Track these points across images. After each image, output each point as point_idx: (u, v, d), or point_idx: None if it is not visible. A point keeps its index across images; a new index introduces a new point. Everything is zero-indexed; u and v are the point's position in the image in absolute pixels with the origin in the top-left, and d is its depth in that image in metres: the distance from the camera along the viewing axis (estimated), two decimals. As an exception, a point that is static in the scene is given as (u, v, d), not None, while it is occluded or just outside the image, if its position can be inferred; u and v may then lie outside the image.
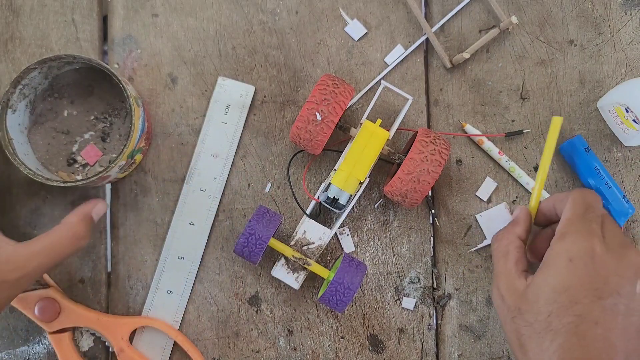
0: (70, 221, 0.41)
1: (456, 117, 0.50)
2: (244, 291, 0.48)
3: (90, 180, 0.42)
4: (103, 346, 0.48)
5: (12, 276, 0.35)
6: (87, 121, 0.47)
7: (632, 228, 0.49)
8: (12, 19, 0.49)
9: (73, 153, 0.47)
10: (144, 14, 0.50)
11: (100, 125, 0.47)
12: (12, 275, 0.35)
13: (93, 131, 0.47)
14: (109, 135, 0.47)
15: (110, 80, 0.47)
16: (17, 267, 0.36)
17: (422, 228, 0.49)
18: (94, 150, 0.47)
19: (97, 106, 0.47)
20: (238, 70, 0.50)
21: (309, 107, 0.43)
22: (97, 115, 0.47)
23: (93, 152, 0.47)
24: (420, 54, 0.51)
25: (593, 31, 0.50)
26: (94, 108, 0.47)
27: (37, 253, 0.38)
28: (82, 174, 0.47)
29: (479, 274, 0.49)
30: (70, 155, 0.47)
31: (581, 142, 0.48)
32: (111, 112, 0.47)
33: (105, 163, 0.47)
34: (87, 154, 0.47)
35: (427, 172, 0.42)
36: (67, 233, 0.40)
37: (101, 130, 0.47)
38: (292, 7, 0.50)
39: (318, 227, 0.46)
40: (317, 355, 0.48)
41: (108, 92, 0.47)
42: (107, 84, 0.47)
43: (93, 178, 0.42)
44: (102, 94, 0.47)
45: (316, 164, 0.50)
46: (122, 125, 0.47)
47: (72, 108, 0.47)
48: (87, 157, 0.47)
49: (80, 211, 0.43)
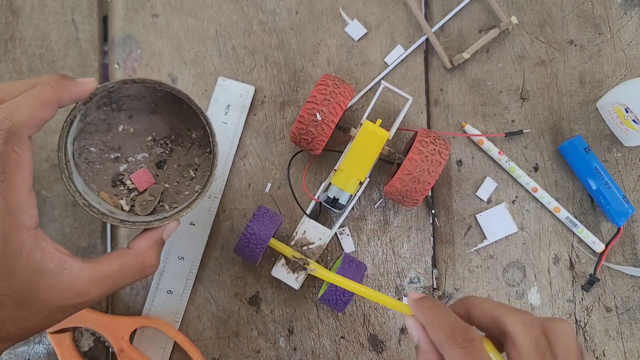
0: (141, 248, 0.36)
1: (456, 117, 0.50)
2: (244, 291, 0.48)
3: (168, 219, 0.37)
4: (103, 346, 0.48)
5: (72, 302, 0.32)
6: (144, 142, 0.41)
7: (632, 228, 0.49)
8: (12, 19, 0.49)
9: (121, 174, 0.41)
10: (144, 14, 0.50)
11: (158, 149, 0.41)
12: (73, 301, 0.32)
13: (148, 154, 0.41)
14: (165, 162, 0.41)
15: (180, 103, 0.40)
16: (79, 293, 0.32)
17: (422, 228, 0.49)
18: (147, 176, 0.41)
19: (159, 128, 0.41)
20: (238, 70, 0.50)
21: (309, 107, 0.43)
22: (157, 138, 0.41)
23: (145, 178, 0.40)
24: (420, 54, 0.51)
25: (593, 31, 0.50)
26: (155, 129, 0.41)
27: (101, 281, 0.33)
28: (127, 198, 0.40)
29: (479, 274, 0.49)
30: (116, 175, 0.41)
31: (581, 142, 0.48)
32: (174, 139, 0.41)
33: (155, 193, 0.41)
34: (137, 178, 0.40)
35: (427, 172, 0.42)
36: (136, 261, 0.36)
37: (158, 156, 0.41)
38: (292, 7, 0.50)
39: (318, 227, 0.46)
40: (317, 355, 0.48)
41: (174, 115, 0.42)
42: (175, 106, 0.41)
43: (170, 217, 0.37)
44: (167, 116, 0.42)
45: (316, 164, 0.50)
46: (184, 156, 0.41)
47: (130, 124, 0.40)
48: (136, 182, 0.40)
49: (152, 235, 0.37)
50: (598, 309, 0.49)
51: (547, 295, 0.49)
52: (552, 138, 0.50)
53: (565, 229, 0.50)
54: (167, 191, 0.41)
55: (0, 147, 0.29)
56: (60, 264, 0.31)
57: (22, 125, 0.30)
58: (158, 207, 0.41)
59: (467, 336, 0.30)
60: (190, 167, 0.42)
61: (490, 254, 0.49)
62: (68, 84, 0.34)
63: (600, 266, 0.49)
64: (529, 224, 0.50)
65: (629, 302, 0.49)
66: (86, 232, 0.48)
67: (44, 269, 0.30)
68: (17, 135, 0.29)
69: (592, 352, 0.49)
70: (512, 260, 0.49)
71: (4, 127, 0.29)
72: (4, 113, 0.29)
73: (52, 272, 0.31)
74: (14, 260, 0.29)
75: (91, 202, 0.37)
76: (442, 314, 0.32)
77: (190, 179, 0.42)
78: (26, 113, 0.30)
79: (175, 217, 0.37)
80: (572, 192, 0.50)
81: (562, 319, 0.32)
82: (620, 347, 0.49)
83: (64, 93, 0.33)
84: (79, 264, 0.32)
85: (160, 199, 0.41)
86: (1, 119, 0.29)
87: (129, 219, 0.37)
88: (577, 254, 0.50)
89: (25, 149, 0.30)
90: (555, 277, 0.49)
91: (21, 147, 0.30)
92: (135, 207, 0.41)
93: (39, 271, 0.30)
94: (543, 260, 0.49)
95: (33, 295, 0.30)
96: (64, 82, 0.33)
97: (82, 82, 0.35)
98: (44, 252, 0.31)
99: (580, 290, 0.49)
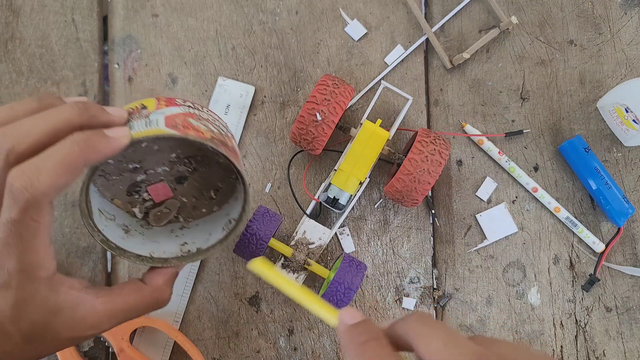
0: (156, 284, 0.35)
1: (456, 117, 0.50)
2: (244, 291, 0.48)
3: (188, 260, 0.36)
4: (103, 346, 0.48)
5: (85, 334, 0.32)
6: (167, 158, 0.38)
7: (632, 228, 0.49)
8: (12, 19, 0.49)
9: (137, 184, 0.38)
10: (144, 14, 0.50)
11: (180, 167, 0.38)
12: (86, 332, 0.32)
13: (169, 168, 0.38)
14: (186, 179, 0.39)
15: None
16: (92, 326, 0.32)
17: (422, 228, 0.49)
18: (165, 189, 0.38)
19: (185, 147, 0.38)
20: (238, 70, 0.50)
21: (309, 107, 0.43)
22: (181, 156, 0.38)
23: (163, 191, 0.38)
24: (420, 54, 0.51)
25: (593, 31, 0.50)
26: (181, 147, 0.38)
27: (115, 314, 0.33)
28: (140, 207, 0.39)
29: (479, 274, 0.49)
30: (133, 185, 0.38)
31: (581, 142, 0.48)
32: (199, 159, 0.39)
33: (171, 206, 0.39)
34: (155, 190, 0.38)
35: (427, 172, 0.42)
36: (150, 296, 0.35)
37: (179, 172, 0.39)
38: (292, 7, 0.50)
39: (318, 227, 0.46)
40: (317, 355, 0.48)
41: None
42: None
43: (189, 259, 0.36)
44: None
45: (316, 164, 0.50)
46: (207, 177, 0.39)
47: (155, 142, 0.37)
48: (153, 194, 0.38)
49: (167, 272, 0.36)
50: (598, 309, 0.49)
51: (547, 295, 0.49)
52: (552, 138, 0.50)
53: (565, 229, 0.50)
54: (184, 206, 0.40)
55: (17, 215, 0.27)
56: (75, 301, 0.31)
57: (42, 195, 0.27)
58: (173, 219, 0.40)
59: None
60: (211, 188, 0.40)
61: (490, 254, 0.49)
62: (97, 143, 0.29)
63: (601, 266, 0.49)
64: (529, 224, 0.50)
65: (629, 302, 0.49)
66: (86, 232, 0.48)
67: (57, 309, 0.30)
68: (36, 205, 0.27)
69: (592, 352, 0.49)
70: (512, 260, 0.49)
71: (22, 197, 0.26)
72: (22, 181, 0.26)
73: (66, 310, 0.31)
74: (26, 306, 0.29)
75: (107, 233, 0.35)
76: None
77: (209, 198, 0.40)
78: (47, 182, 0.27)
79: (194, 258, 0.36)
80: (572, 192, 0.50)
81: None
82: (620, 347, 0.49)
83: (92, 154, 0.28)
84: (93, 299, 0.32)
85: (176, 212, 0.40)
86: (19, 188, 0.26)
87: (144, 254, 0.36)
88: (577, 254, 0.50)
89: (44, 215, 0.28)
90: (555, 277, 0.49)
91: (40, 215, 0.27)
92: (149, 217, 0.39)
93: (53, 311, 0.30)
94: (543, 260, 0.49)
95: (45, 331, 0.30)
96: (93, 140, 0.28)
97: (113, 139, 0.29)
98: (59, 293, 0.30)
99: (580, 290, 0.49)
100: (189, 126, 0.32)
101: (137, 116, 0.32)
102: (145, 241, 0.37)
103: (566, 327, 0.49)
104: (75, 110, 0.29)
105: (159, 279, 0.36)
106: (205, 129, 0.33)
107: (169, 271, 0.36)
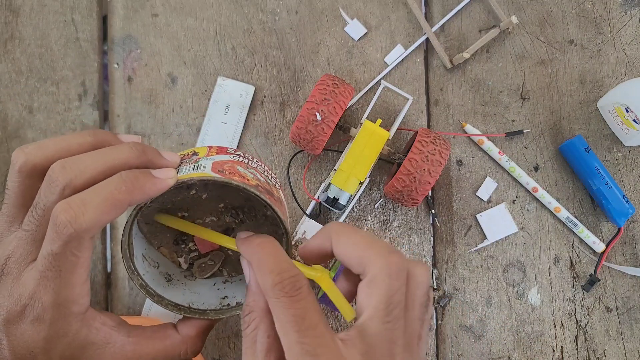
0: (189, 335, 0.34)
1: (456, 117, 0.50)
2: (244, 291, 0.48)
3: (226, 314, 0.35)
4: (103, 346, 0.48)
5: None
6: (214, 208, 0.38)
7: (632, 228, 0.49)
8: (11, 18, 0.49)
9: (185, 234, 0.38)
10: (144, 14, 0.50)
11: (228, 218, 0.38)
12: None
13: (216, 219, 0.38)
14: (233, 230, 0.38)
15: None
16: None
17: (422, 228, 0.49)
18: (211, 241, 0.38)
19: (233, 198, 0.37)
20: (238, 70, 0.50)
21: (309, 107, 0.43)
22: (229, 207, 0.38)
23: (209, 242, 0.38)
24: (420, 54, 0.51)
25: (593, 31, 0.50)
26: (229, 198, 0.37)
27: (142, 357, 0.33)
28: (186, 257, 0.39)
29: (479, 274, 0.49)
30: (180, 235, 0.38)
31: (581, 142, 0.48)
32: (246, 211, 0.38)
33: (216, 258, 0.39)
34: (201, 241, 0.38)
35: (427, 172, 0.42)
36: (180, 347, 0.34)
37: (226, 224, 0.38)
38: (292, 7, 0.50)
39: (318, 227, 0.46)
40: (317, 355, 0.48)
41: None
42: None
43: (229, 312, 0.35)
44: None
45: (316, 164, 0.49)
46: (253, 229, 0.38)
47: (203, 190, 0.37)
48: (199, 244, 0.38)
49: (203, 324, 0.35)
50: (598, 309, 0.49)
51: (547, 296, 0.49)
52: (553, 138, 0.50)
53: (565, 229, 0.50)
54: (230, 259, 0.39)
55: (59, 249, 0.27)
56: (106, 338, 0.31)
57: (85, 231, 0.27)
58: (217, 272, 0.40)
59: (295, 283, 0.27)
60: None
61: (490, 254, 0.49)
62: (144, 183, 0.29)
63: (601, 266, 0.49)
64: (529, 224, 0.49)
65: (630, 302, 0.49)
66: (86, 232, 0.48)
67: (88, 344, 0.31)
68: (78, 239, 0.27)
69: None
70: (512, 260, 0.49)
71: (65, 232, 0.26)
72: (68, 216, 0.26)
73: (97, 345, 0.31)
74: (58, 342, 0.29)
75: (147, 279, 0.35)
76: (272, 254, 0.29)
77: None
78: (92, 218, 0.27)
79: (233, 312, 0.35)
80: (572, 192, 0.50)
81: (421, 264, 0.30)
82: (620, 347, 0.49)
83: (138, 194, 0.29)
84: (124, 338, 0.32)
85: (220, 265, 0.39)
86: (64, 222, 0.26)
87: (183, 302, 0.35)
88: (578, 254, 0.49)
89: (85, 250, 0.28)
90: (555, 277, 0.49)
91: (81, 249, 0.28)
92: (193, 268, 0.39)
93: (83, 346, 0.30)
94: (543, 260, 0.49)
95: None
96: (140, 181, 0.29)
97: (159, 180, 0.30)
98: (90, 329, 0.31)
99: (580, 291, 0.49)
100: (235, 172, 0.32)
101: (187, 161, 0.33)
102: (186, 292, 0.37)
103: (566, 327, 0.49)
104: (134, 152, 0.30)
105: (192, 331, 0.35)
106: (252, 177, 0.33)
107: (204, 323, 0.35)
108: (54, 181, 0.28)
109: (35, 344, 0.29)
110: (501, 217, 0.49)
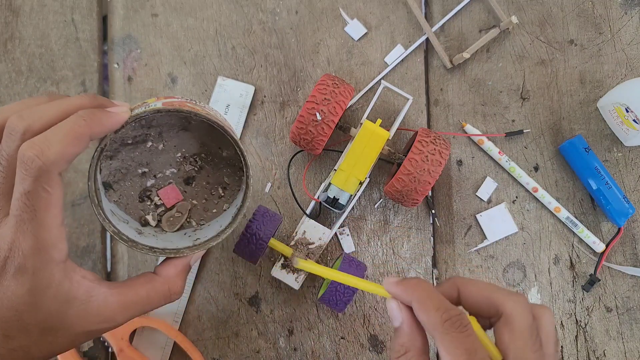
0: (168, 275, 0.36)
1: (456, 117, 0.50)
2: (244, 291, 0.48)
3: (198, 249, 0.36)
4: (103, 346, 0.48)
5: (98, 327, 0.32)
6: (173, 158, 0.40)
7: (632, 228, 0.49)
8: (11, 18, 0.49)
9: (148, 189, 0.40)
10: (144, 13, 0.50)
11: (187, 167, 0.40)
12: (99, 326, 0.32)
13: (176, 170, 0.40)
14: (194, 179, 0.40)
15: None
16: (106, 319, 0.32)
17: (422, 228, 0.49)
18: (175, 192, 0.40)
19: (189, 145, 0.40)
20: (238, 70, 0.50)
21: (309, 107, 0.43)
22: (186, 155, 0.40)
23: (173, 194, 0.40)
24: (420, 54, 0.51)
25: (593, 31, 0.50)
26: (185, 146, 0.40)
27: (128, 307, 0.34)
28: (153, 214, 0.40)
29: (479, 274, 0.49)
30: (144, 191, 0.40)
31: (581, 142, 0.48)
32: (204, 157, 0.40)
33: (183, 209, 0.40)
34: (165, 194, 0.40)
35: (427, 172, 0.42)
36: (162, 288, 0.35)
37: (186, 172, 0.40)
38: (292, 7, 0.50)
39: (318, 227, 0.46)
40: (317, 355, 0.48)
41: (206, 132, 0.41)
42: (206, 124, 0.40)
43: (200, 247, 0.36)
44: (198, 133, 0.40)
45: (316, 164, 0.49)
46: (213, 174, 0.41)
47: (159, 140, 0.39)
48: (164, 198, 0.40)
49: (179, 262, 0.37)
50: (598, 309, 0.49)
51: (547, 296, 0.49)
52: (553, 138, 0.50)
53: (565, 229, 0.50)
54: (195, 208, 0.41)
55: (30, 186, 0.28)
56: (88, 292, 0.32)
57: (53, 163, 0.28)
58: (185, 223, 0.40)
59: (462, 320, 0.29)
60: (219, 186, 0.41)
61: (490, 254, 0.49)
62: (101, 117, 0.31)
63: (601, 266, 0.49)
64: (529, 224, 0.49)
65: (630, 302, 0.49)
66: (85, 232, 0.48)
67: (71, 298, 0.31)
68: (47, 174, 0.28)
69: (592, 352, 0.49)
70: (512, 260, 0.49)
71: (34, 165, 0.28)
72: (34, 150, 0.28)
73: (80, 300, 0.31)
74: (42, 294, 0.30)
75: (120, 229, 0.36)
76: (432, 295, 0.30)
77: (218, 197, 0.41)
78: (57, 150, 0.28)
79: (205, 246, 0.36)
80: (572, 192, 0.50)
81: (547, 308, 0.32)
82: (620, 347, 0.49)
83: (96, 127, 0.31)
84: (106, 290, 0.32)
85: (187, 215, 0.40)
86: (31, 157, 0.28)
87: (157, 245, 0.36)
88: (578, 254, 0.49)
89: (55, 186, 0.29)
90: (555, 277, 0.49)
91: (51, 184, 0.29)
92: (162, 223, 0.40)
93: (67, 300, 0.31)
94: (543, 260, 0.49)
95: (60, 323, 0.30)
96: (97, 115, 0.31)
97: (115, 113, 0.32)
98: (72, 281, 0.31)
99: (580, 291, 0.49)
100: (184, 105, 0.34)
101: (139, 105, 0.35)
102: (159, 241, 0.38)
103: (566, 327, 0.49)
104: (87, 99, 0.32)
105: (170, 270, 0.36)
106: (200, 109, 0.35)
107: (180, 262, 0.36)
108: (13, 129, 0.29)
109: (20, 300, 0.29)
110: (501, 217, 0.49)
